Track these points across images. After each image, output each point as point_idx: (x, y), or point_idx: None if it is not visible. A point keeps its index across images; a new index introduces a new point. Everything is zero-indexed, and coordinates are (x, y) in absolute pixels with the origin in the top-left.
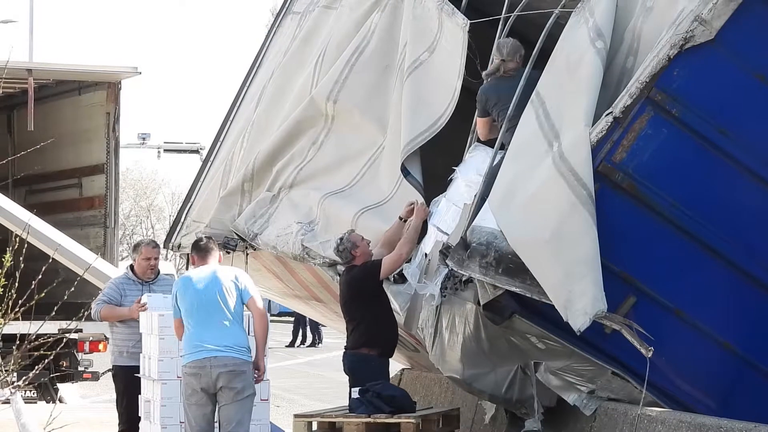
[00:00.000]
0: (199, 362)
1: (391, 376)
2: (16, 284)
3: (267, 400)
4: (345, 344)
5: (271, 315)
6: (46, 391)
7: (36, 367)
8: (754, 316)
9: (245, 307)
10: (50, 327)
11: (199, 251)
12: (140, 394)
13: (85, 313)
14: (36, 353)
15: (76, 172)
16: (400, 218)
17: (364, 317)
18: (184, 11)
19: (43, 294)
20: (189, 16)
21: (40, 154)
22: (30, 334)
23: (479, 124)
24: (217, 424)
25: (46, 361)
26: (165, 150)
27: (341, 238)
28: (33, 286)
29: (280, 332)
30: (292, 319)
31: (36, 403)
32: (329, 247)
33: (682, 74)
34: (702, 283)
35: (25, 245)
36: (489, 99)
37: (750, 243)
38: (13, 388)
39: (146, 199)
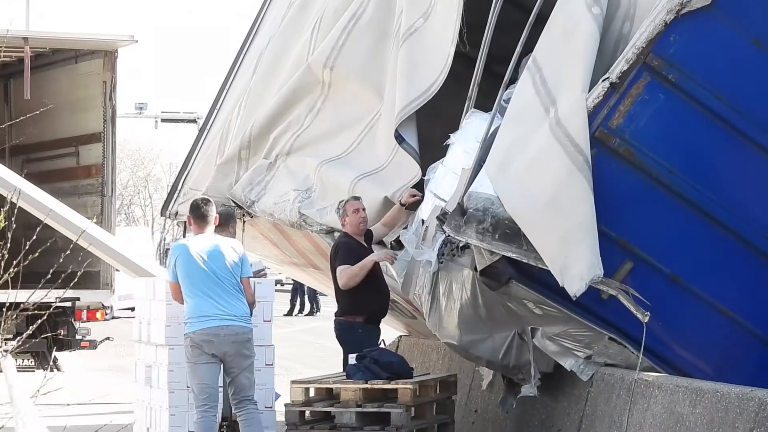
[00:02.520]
0: (210, 330)
1: (388, 343)
2: (8, 245)
3: (272, 365)
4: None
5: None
6: (44, 360)
7: (25, 333)
8: (751, 281)
9: None
10: (48, 295)
11: (198, 216)
12: None
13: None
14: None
15: (73, 140)
16: (401, 203)
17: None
18: None
19: (32, 257)
20: None
21: (37, 123)
22: (24, 302)
23: None
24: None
25: (38, 322)
26: (162, 120)
27: (341, 201)
28: (24, 250)
29: (278, 300)
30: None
31: (34, 371)
32: (326, 214)
33: (679, 39)
34: (698, 249)
35: (16, 209)
36: None
37: (747, 209)
38: (3, 351)
39: (144, 169)
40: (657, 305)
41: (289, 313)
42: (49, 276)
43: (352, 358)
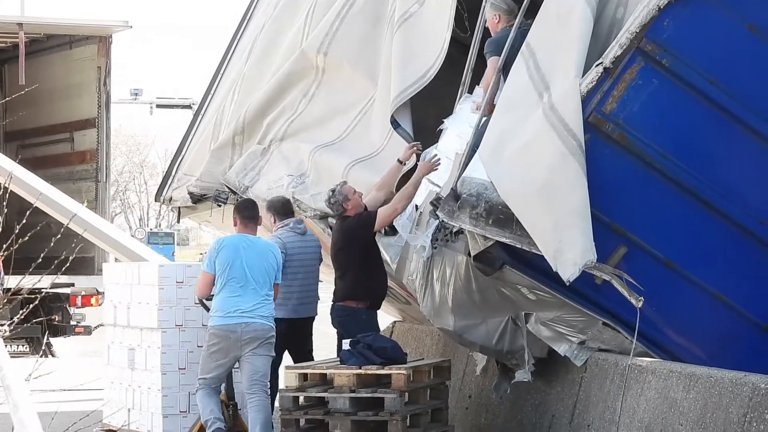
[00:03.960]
0: (231, 326)
1: (382, 329)
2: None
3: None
4: (333, 296)
5: None
6: (39, 345)
7: (16, 318)
8: (745, 266)
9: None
10: (42, 281)
11: (244, 217)
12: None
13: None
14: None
15: (68, 126)
16: (399, 161)
17: (352, 267)
18: None
19: (23, 242)
20: None
21: (32, 108)
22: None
23: (494, 63)
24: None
25: (29, 307)
26: (157, 105)
27: (333, 190)
28: (14, 234)
29: None
30: None
31: (28, 357)
32: (320, 199)
33: (673, 24)
34: (692, 234)
35: (8, 194)
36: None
37: (741, 193)
38: None
39: (139, 155)
40: (651, 290)
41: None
42: (40, 261)
43: (346, 344)
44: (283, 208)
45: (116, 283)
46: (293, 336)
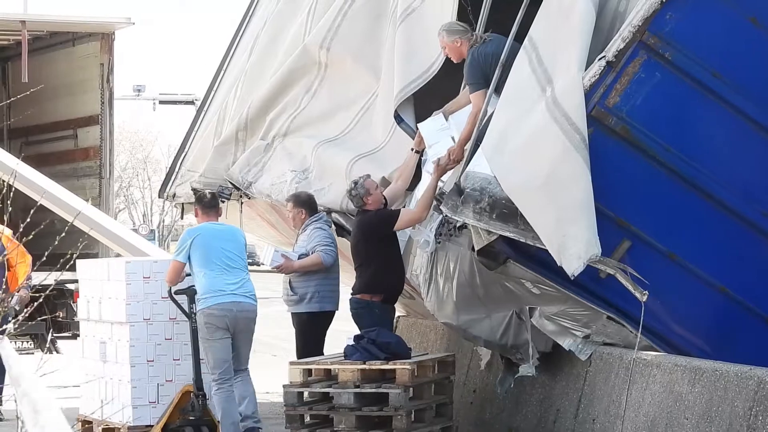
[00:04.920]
0: (224, 305)
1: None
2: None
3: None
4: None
5: None
6: (43, 342)
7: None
8: (749, 259)
9: None
10: (45, 276)
11: (205, 206)
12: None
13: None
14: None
15: (71, 123)
16: (413, 149)
17: (372, 261)
18: None
19: (27, 240)
20: None
21: (36, 105)
22: (21, 284)
23: (480, 97)
24: None
25: (35, 305)
26: (160, 102)
27: (356, 182)
28: (19, 231)
29: (275, 282)
30: None
31: (33, 353)
32: (323, 195)
33: (675, 17)
34: (696, 227)
35: (12, 191)
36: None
37: (744, 186)
38: None
39: (142, 151)
40: (655, 284)
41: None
42: (45, 258)
43: (350, 339)
44: (313, 204)
45: (88, 278)
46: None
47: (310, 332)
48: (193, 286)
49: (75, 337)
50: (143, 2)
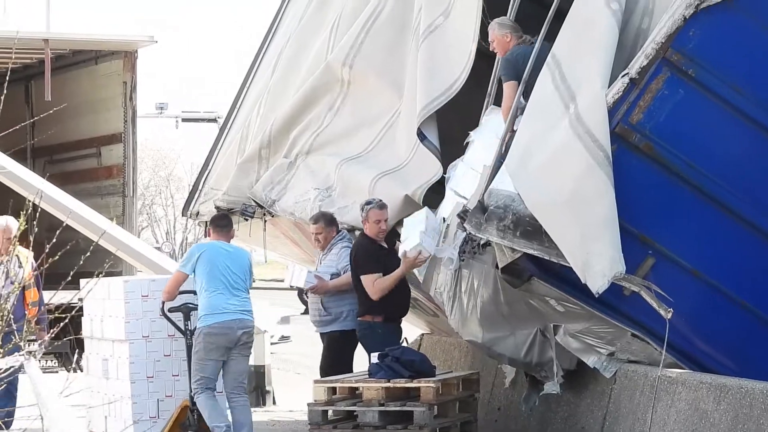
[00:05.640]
0: (225, 323)
1: (410, 342)
2: (30, 247)
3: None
4: None
5: None
6: (68, 361)
7: (48, 335)
8: None
9: None
10: (69, 296)
11: (218, 227)
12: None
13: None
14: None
15: (95, 141)
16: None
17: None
18: None
19: (53, 260)
20: None
21: (59, 124)
22: (47, 304)
23: (513, 86)
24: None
25: (60, 325)
26: (183, 120)
27: (369, 202)
28: (44, 252)
29: (297, 300)
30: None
31: (57, 372)
32: (347, 212)
33: (698, 34)
34: (719, 244)
35: (38, 212)
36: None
37: (767, 202)
38: (27, 353)
39: (165, 169)
40: (679, 301)
41: (306, 311)
42: (70, 278)
43: (375, 357)
44: (337, 224)
45: (91, 297)
46: None
47: (342, 351)
48: (188, 303)
49: None
50: (166, 20)
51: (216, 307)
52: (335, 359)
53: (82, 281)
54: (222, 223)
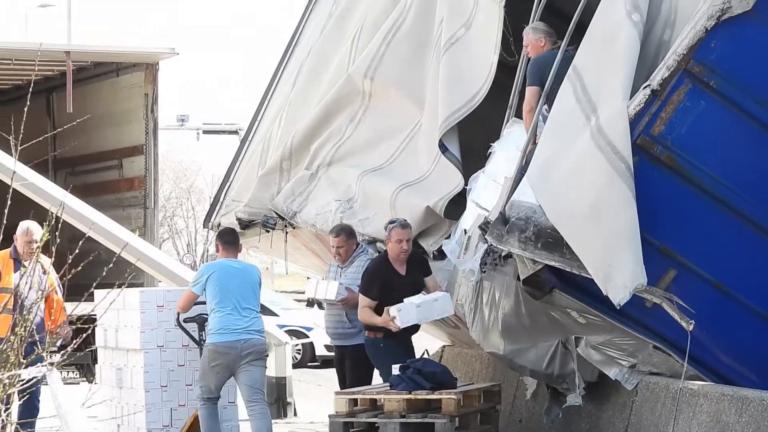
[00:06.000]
0: (232, 343)
1: (432, 353)
2: (53, 259)
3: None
4: None
5: None
6: (89, 372)
7: (70, 347)
8: None
9: None
10: (89, 307)
11: (226, 243)
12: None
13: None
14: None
15: (116, 153)
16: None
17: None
18: None
19: (76, 271)
20: None
21: (81, 136)
22: (69, 315)
23: (535, 93)
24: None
25: (83, 336)
26: (204, 131)
27: (392, 222)
28: (67, 264)
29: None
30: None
31: (78, 384)
32: (368, 224)
33: (720, 45)
34: (742, 256)
35: (60, 223)
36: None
37: None
38: (49, 365)
39: (186, 180)
40: (701, 313)
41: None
42: (91, 290)
43: (396, 369)
44: (355, 235)
45: (105, 307)
46: None
47: (366, 363)
48: (203, 314)
49: None
50: (186, 31)
51: (224, 327)
52: (359, 372)
53: (96, 292)
54: (230, 239)
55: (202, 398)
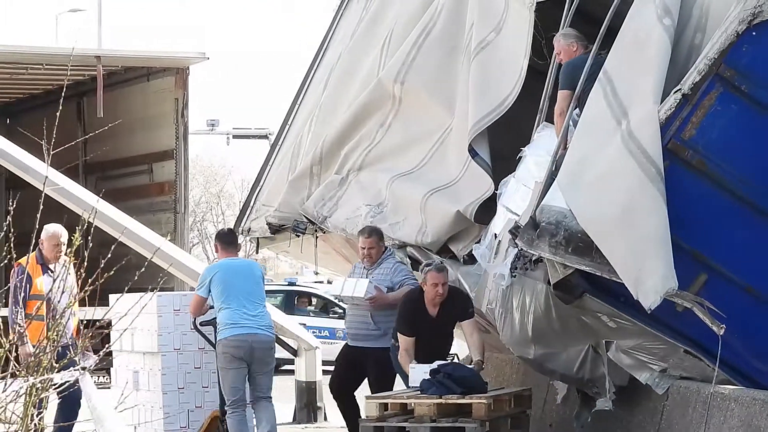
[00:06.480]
0: (241, 336)
1: (462, 358)
2: (85, 263)
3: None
4: None
5: None
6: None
7: (102, 351)
8: None
9: None
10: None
11: (225, 243)
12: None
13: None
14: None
15: (147, 158)
16: None
17: None
18: None
19: (108, 274)
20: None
21: (111, 141)
22: (101, 320)
23: (566, 96)
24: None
25: (115, 341)
26: (234, 136)
27: (429, 264)
28: (99, 268)
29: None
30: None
31: (110, 388)
32: (399, 228)
33: (751, 50)
34: None
35: (92, 229)
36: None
37: None
38: (81, 368)
39: (216, 185)
40: (732, 317)
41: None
42: (122, 295)
43: (426, 373)
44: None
45: (120, 311)
46: None
47: (389, 366)
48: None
49: None
50: (217, 36)
51: (234, 323)
52: (384, 375)
53: (111, 296)
54: (228, 239)
55: (230, 405)
